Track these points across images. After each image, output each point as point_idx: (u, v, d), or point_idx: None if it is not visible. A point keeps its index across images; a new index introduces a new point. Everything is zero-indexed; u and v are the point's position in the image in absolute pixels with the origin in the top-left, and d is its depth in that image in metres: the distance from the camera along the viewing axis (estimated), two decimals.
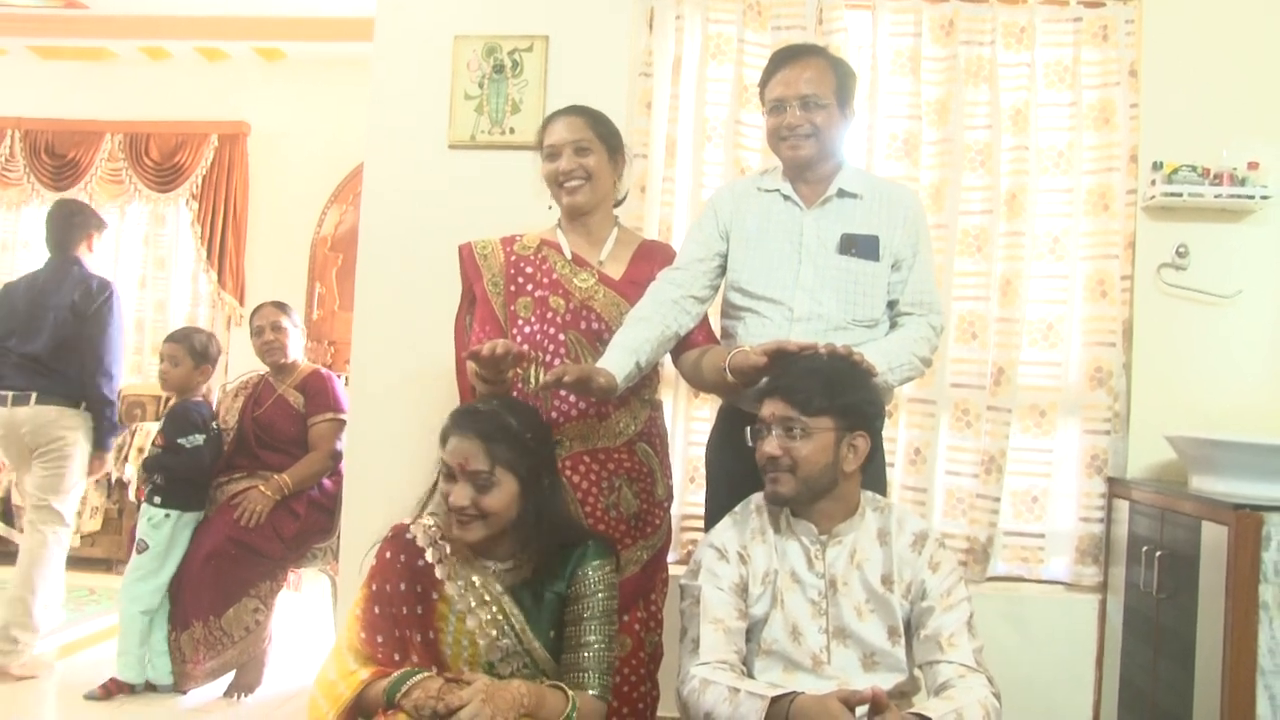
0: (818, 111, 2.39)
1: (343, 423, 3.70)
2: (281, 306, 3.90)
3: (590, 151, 2.51)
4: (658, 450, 2.56)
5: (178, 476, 3.55)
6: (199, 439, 3.60)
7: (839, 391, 2.05)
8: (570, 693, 1.94)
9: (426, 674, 1.89)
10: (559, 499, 2.16)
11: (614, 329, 2.44)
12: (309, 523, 3.63)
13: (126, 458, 5.24)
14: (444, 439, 2.02)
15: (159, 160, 6.32)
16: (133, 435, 5.31)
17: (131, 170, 6.34)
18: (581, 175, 2.51)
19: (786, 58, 2.45)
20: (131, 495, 5.14)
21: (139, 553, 3.46)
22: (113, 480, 5.28)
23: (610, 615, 2.07)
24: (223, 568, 3.42)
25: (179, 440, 3.57)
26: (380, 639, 1.99)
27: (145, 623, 3.40)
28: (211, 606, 3.40)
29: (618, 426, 2.46)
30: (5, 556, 5.23)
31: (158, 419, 5.45)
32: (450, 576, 2.02)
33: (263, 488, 3.56)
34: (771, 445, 2.02)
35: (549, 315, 2.47)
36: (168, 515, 3.50)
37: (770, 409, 2.04)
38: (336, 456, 3.72)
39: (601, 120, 2.57)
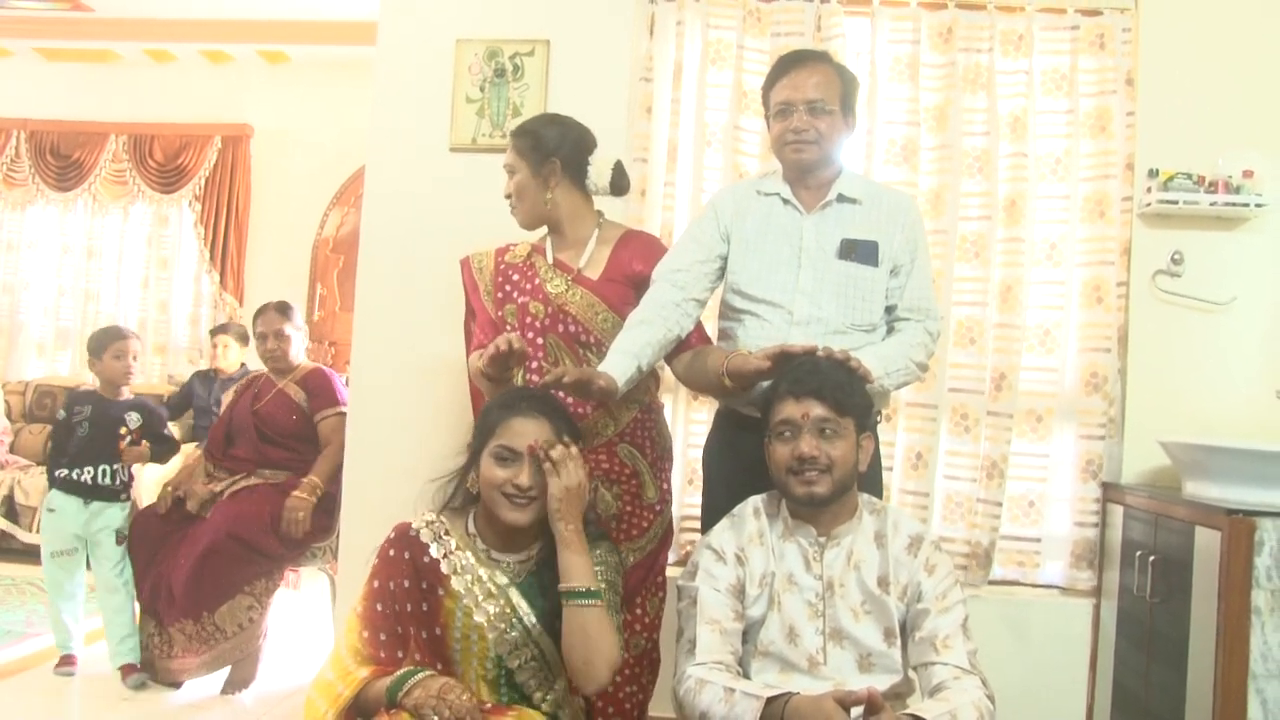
0: (822, 117, 2.39)
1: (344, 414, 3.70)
2: (284, 310, 3.89)
3: (514, 171, 2.56)
4: (646, 452, 2.53)
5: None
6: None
7: (855, 393, 2.09)
8: None
9: (427, 673, 1.88)
10: None
11: (590, 329, 2.46)
12: (310, 522, 3.62)
13: None
14: (500, 422, 2.03)
15: (163, 161, 6.33)
16: None
17: (135, 171, 6.36)
18: (515, 198, 2.56)
19: (793, 62, 2.45)
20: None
21: (120, 544, 3.58)
22: None
23: (613, 586, 2.08)
24: (220, 564, 3.40)
25: (165, 433, 3.81)
26: (383, 637, 1.98)
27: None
28: (205, 602, 3.38)
29: (595, 427, 2.45)
30: (6, 553, 5.26)
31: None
32: (456, 571, 2.01)
33: (300, 493, 3.55)
34: (809, 445, 2.02)
35: (529, 320, 2.49)
36: None
37: (803, 409, 2.04)
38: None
39: (526, 134, 2.57)
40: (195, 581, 3.38)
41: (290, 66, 6.27)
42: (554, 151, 2.53)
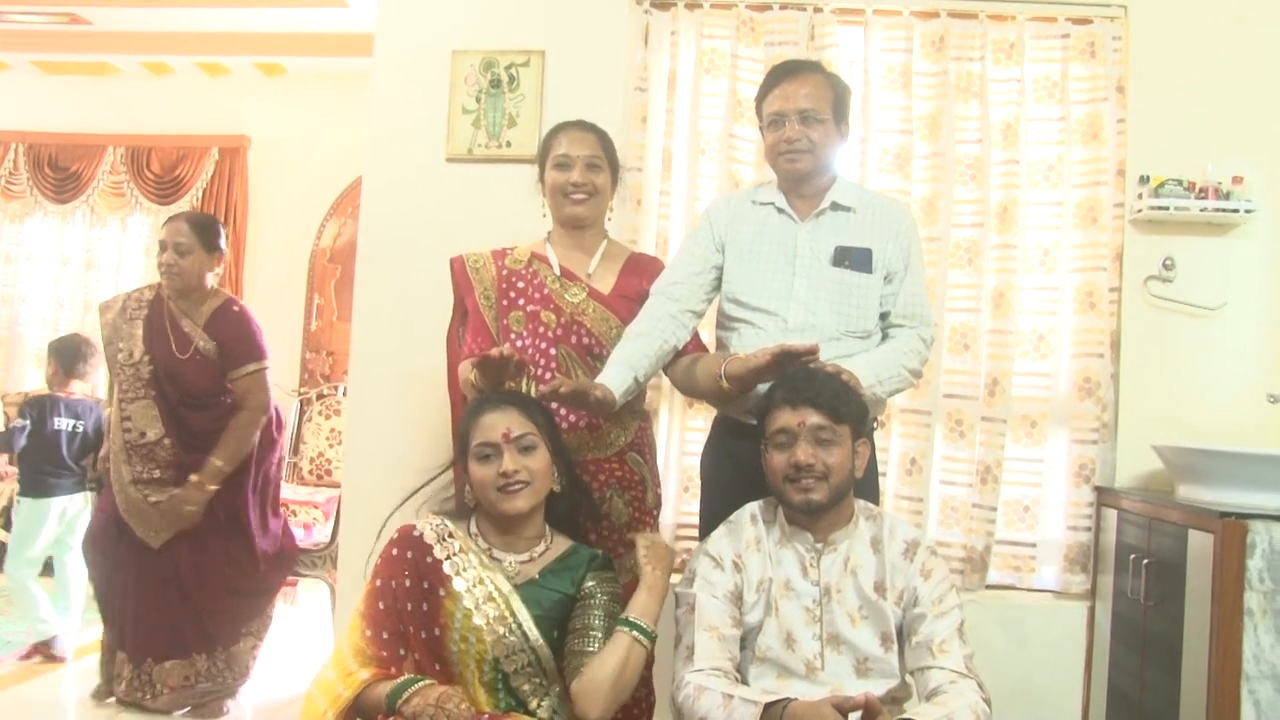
0: (815, 126, 2.40)
1: (267, 369, 3.36)
2: (193, 221, 3.34)
3: (601, 170, 2.56)
4: (647, 459, 2.57)
5: None
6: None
7: (851, 400, 2.10)
8: None
9: (427, 681, 1.89)
10: (575, 468, 2.24)
11: (604, 343, 2.46)
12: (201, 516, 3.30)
13: None
14: (472, 424, 2.08)
15: (160, 173, 6.32)
16: None
17: (133, 183, 6.34)
18: (589, 190, 2.54)
19: (785, 73, 2.46)
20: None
21: None
22: None
23: (616, 615, 2.08)
24: (224, 614, 3.32)
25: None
26: (385, 635, 1.99)
27: None
28: (221, 640, 3.32)
29: (608, 438, 2.47)
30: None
31: None
32: (458, 572, 2.03)
33: (196, 478, 3.21)
34: (805, 453, 2.02)
35: (540, 329, 2.48)
36: None
37: (799, 417, 2.04)
38: (267, 408, 3.38)
39: (609, 141, 2.62)
40: (200, 624, 3.28)
41: (287, 78, 6.26)
42: (619, 168, 2.65)
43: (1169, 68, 3.25)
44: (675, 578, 2.19)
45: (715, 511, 2.32)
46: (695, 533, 2.80)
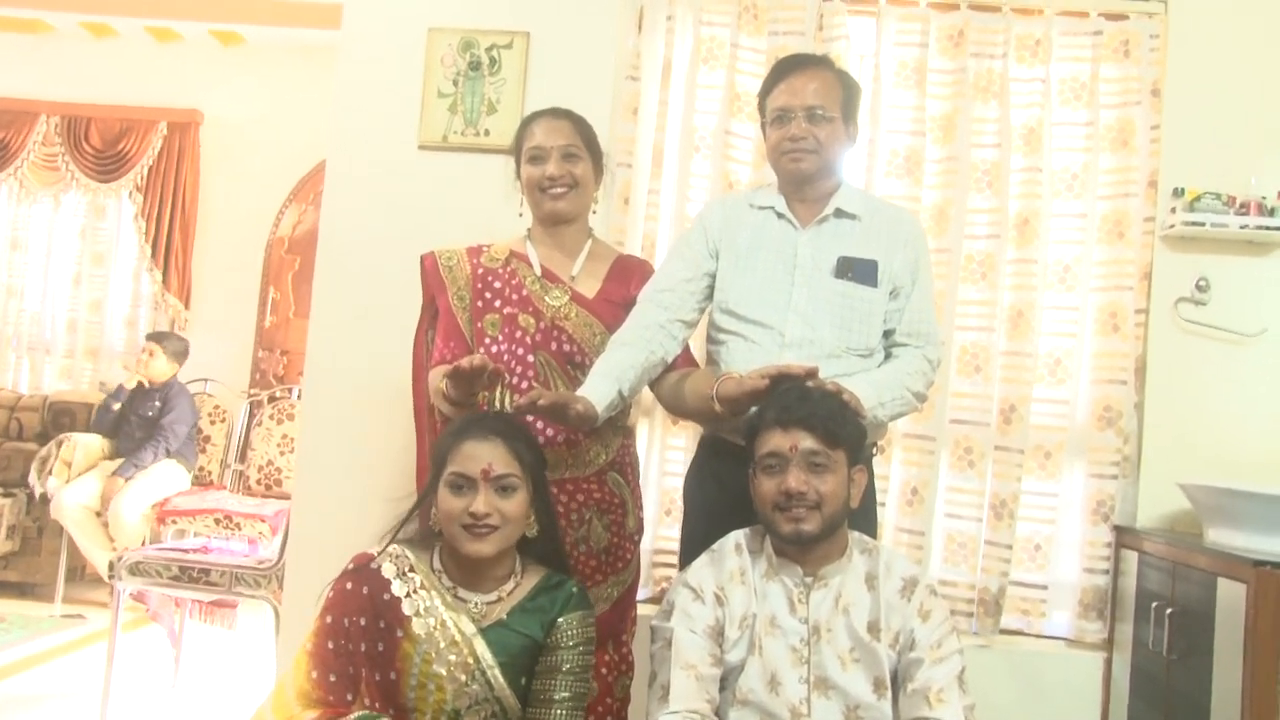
0: (822, 124, 2.43)
1: None
2: None
3: (579, 159, 2.57)
4: (629, 480, 2.58)
5: None
6: None
7: (847, 423, 2.11)
8: None
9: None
10: (554, 515, 2.23)
11: (586, 351, 2.48)
12: None
13: (51, 471, 5.23)
14: (451, 448, 2.05)
15: (100, 147, 6.32)
16: (59, 446, 5.30)
17: (69, 156, 6.34)
18: (568, 182, 2.56)
19: (791, 66, 2.49)
20: (54, 512, 5.14)
21: None
22: (36, 495, 5.27)
23: (584, 672, 2.09)
24: None
25: None
26: (332, 678, 1.98)
27: None
28: None
29: (588, 455, 2.49)
30: None
31: (88, 427, 5.48)
32: (419, 613, 2.02)
33: None
34: (797, 480, 2.03)
35: (518, 334, 2.50)
36: None
37: (790, 440, 2.06)
38: None
39: (587, 126, 2.63)
40: None
41: (246, 49, 6.28)
42: (603, 157, 2.66)
43: (1210, 70, 3.26)
44: (651, 610, 2.20)
45: (697, 538, 2.33)
46: (675, 560, 2.83)
